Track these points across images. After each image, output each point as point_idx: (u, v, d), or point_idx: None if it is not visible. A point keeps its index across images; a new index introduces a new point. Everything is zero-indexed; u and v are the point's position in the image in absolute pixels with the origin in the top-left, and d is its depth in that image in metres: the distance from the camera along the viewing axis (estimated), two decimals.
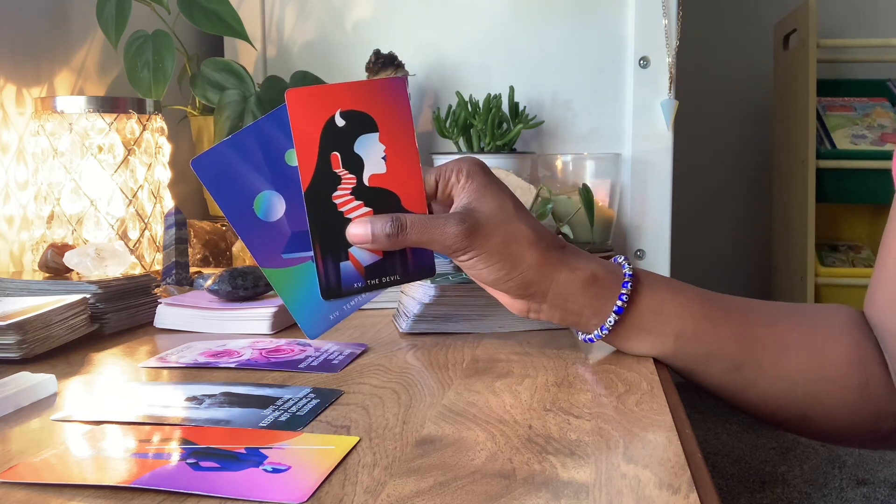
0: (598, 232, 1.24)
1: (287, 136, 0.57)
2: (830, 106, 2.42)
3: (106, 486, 0.39)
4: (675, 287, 0.63)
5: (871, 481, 2.00)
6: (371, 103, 0.58)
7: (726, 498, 1.93)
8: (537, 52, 1.44)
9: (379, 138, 0.58)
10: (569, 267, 0.60)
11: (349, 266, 0.59)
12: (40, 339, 0.66)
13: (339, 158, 0.57)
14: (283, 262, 0.58)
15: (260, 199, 0.57)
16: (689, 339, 0.61)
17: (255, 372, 0.62)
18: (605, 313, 0.61)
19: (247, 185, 0.57)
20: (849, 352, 0.61)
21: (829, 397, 0.62)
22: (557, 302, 0.61)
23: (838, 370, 0.61)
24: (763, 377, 0.62)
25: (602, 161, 1.32)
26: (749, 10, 2.75)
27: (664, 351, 0.62)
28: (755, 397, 0.63)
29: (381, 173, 0.58)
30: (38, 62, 1.08)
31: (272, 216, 0.58)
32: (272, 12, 1.48)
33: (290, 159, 0.58)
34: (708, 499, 0.38)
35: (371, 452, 0.44)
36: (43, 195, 0.99)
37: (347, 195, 0.58)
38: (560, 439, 0.45)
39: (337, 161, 0.57)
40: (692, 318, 0.61)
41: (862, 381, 0.61)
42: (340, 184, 0.58)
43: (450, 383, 0.58)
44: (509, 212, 0.59)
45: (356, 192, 0.58)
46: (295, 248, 0.58)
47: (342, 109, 0.57)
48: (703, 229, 2.74)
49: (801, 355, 0.62)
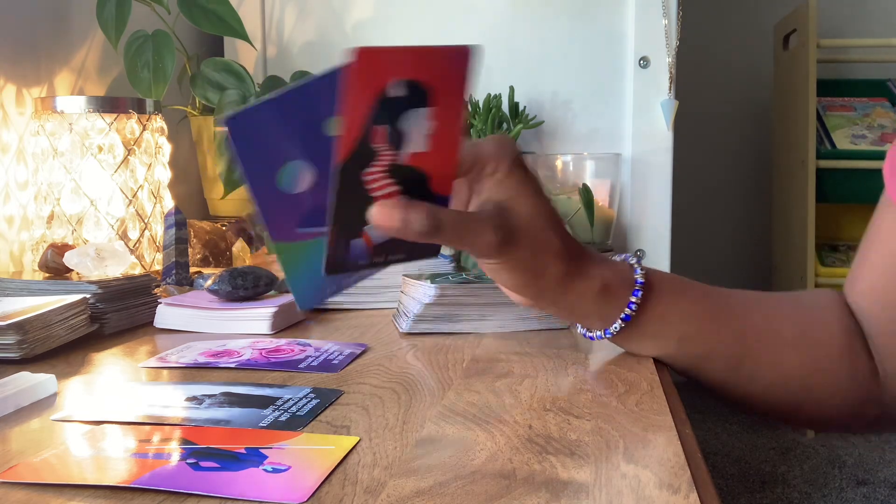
0: (598, 232, 1.24)
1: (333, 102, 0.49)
2: (830, 106, 2.42)
3: (106, 486, 0.39)
4: (679, 289, 0.63)
5: (871, 481, 2.00)
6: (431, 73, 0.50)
7: (726, 498, 1.93)
8: (537, 52, 1.44)
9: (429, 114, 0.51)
10: (585, 277, 0.59)
11: (360, 243, 0.54)
12: (40, 339, 0.66)
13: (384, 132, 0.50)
14: (297, 237, 0.53)
15: (287, 168, 0.51)
16: (692, 340, 0.62)
17: (255, 372, 0.62)
18: (611, 319, 0.61)
19: (278, 151, 0.51)
20: (840, 341, 0.62)
21: (822, 388, 0.63)
22: (567, 308, 0.60)
23: (831, 361, 0.62)
24: (763, 372, 0.62)
25: (602, 161, 1.32)
26: (749, 10, 2.75)
27: (666, 352, 0.63)
28: (755, 392, 0.63)
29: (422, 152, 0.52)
30: (38, 62, 1.08)
31: (296, 188, 0.52)
32: (272, 12, 1.48)
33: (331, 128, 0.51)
34: (708, 499, 0.38)
35: (371, 452, 0.44)
36: (43, 195, 0.99)
37: (381, 173, 0.51)
38: (560, 439, 0.45)
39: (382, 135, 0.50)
40: (696, 320, 0.62)
41: (852, 369, 0.62)
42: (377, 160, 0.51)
43: (450, 383, 0.58)
44: (545, 218, 0.57)
45: (391, 171, 0.52)
46: (312, 222, 0.53)
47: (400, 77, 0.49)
48: (703, 229, 2.74)
49: (798, 348, 0.62)
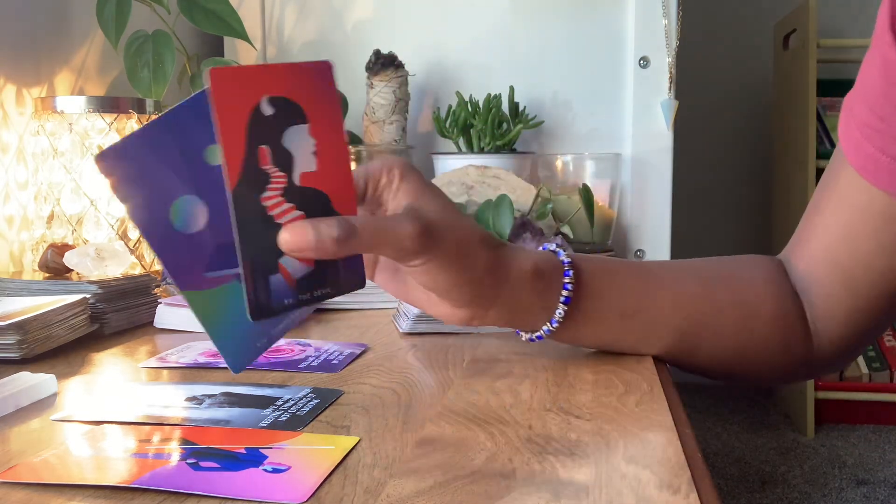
0: (598, 232, 1.24)
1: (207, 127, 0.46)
2: (830, 106, 2.42)
3: (106, 486, 0.39)
4: (611, 266, 0.63)
5: (871, 481, 2.00)
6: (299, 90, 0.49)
7: (726, 498, 1.93)
8: (537, 52, 1.44)
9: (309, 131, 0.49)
10: (516, 262, 0.57)
11: (279, 279, 0.49)
12: (40, 339, 0.66)
13: (268, 153, 0.48)
14: (207, 283, 0.48)
15: (177, 205, 0.47)
16: (633, 316, 0.62)
17: (255, 372, 0.62)
18: (552, 306, 0.59)
19: (162, 188, 0.47)
20: (774, 310, 0.63)
21: (755, 356, 0.64)
22: (507, 302, 0.57)
23: (765, 330, 0.63)
24: (703, 343, 0.63)
25: (602, 161, 1.32)
26: (749, 10, 2.75)
27: (609, 333, 0.62)
28: (694, 362, 0.64)
29: (312, 171, 0.50)
30: (38, 62, 1.08)
31: (192, 227, 0.48)
32: (272, 12, 1.48)
33: (212, 157, 0.48)
34: (708, 499, 0.38)
35: (371, 452, 0.44)
36: (43, 195, 0.99)
37: (278, 196, 0.48)
38: (560, 439, 0.45)
39: (266, 156, 0.48)
40: (632, 294, 0.62)
41: (784, 338, 0.63)
42: (270, 183, 0.48)
43: (450, 383, 0.58)
44: (454, 210, 0.55)
45: (287, 194, 0.49)
46: (220, 264, 0.48)
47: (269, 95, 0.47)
48: (703, 229, 2.74)
49: (734, 319, 0.63)
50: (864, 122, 0.58)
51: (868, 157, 0.58)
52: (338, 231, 0.48)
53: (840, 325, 0.63)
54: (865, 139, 0.58)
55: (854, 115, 0.59)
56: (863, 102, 0.58)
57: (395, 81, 1.32)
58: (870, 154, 0.57)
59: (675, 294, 0.62)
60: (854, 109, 0.59)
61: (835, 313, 0.63)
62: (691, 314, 0.62)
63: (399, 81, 1.32)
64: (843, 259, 0.61)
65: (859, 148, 0.58)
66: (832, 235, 0.62)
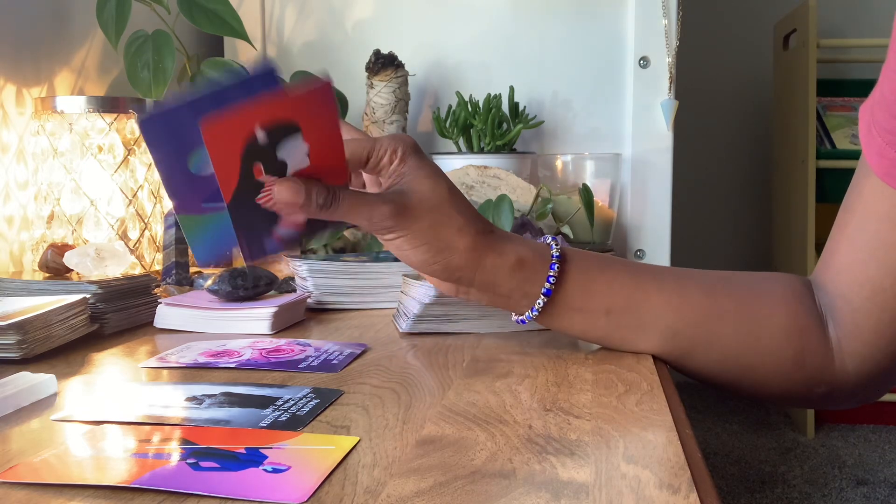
0: (598, 232, 1.24)
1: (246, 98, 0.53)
2: (830, 106, 2.42)
3: (106, 486, 0.39)
4: (604, 263, 0.64)
5: (871, 481, 2.00)
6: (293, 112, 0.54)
7: (726, 498, 1.93)
8: (537, 52, 1.44)
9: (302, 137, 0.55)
10: (496, 252, 0.61)
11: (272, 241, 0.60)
12: (40, 339, 0.66)
13: (262, 168, 0.55)
14: (201, 210, 0.58)
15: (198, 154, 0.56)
16: (621, 312, 0.62)
17: (255, 372, 0.62)
18: (533, 295, 0.62)
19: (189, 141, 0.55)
20: (786, 323, 0.62)
21: (763, 367, 0.63)
22: (485, 286, 0.62)
23: (774, 341, 0.62)
24: (698, 346, 0.62)
25: (602, 161, 1.32)
26: (749, 10, 2.75)
27: (596, 328, 0.63)
28: (691, 365, 0.64)
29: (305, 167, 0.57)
30: (38, 62, 1.08)
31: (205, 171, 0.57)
32: (272, 12, 1.48)
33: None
34: (708, 499, 0.38)
35: (371, 452, 0.44)
36: (43, 195, 0.99)
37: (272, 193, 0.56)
38: (560, 439, 0.45)
39: (261, 171, 0.55)
40: (622, 291, 0.62)
41: (797, 352, 0.62)
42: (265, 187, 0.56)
43: (450, 383, 0.58)
44: (441, 196, 0.60)
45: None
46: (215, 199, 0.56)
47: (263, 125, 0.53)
48: (703, 229, 2.74)
49: (736, 325, 0.62)
50: (887, 128, 0.57)
51: (893, 163, 0.57)
52: (325, 196, 0.56)
53: (867, 343, 0.61)
54: (889, 146, 0.57)
55: (876, 122, 0.59)
56: (885, 110, 0.57)
57: (394, 81, 1.32)
58: (894, 160, 0.57)
59: (671, 295, 0.62)
60: (876, 116, 0.59)
61: (862, 330, 0.61)
62: (686, 316, 0.62)
63: (399, 81, 1.32)
64: (872, 271, 0.60)
65: (883, 154, 0.58)
66: (859, 248, 0.61)
